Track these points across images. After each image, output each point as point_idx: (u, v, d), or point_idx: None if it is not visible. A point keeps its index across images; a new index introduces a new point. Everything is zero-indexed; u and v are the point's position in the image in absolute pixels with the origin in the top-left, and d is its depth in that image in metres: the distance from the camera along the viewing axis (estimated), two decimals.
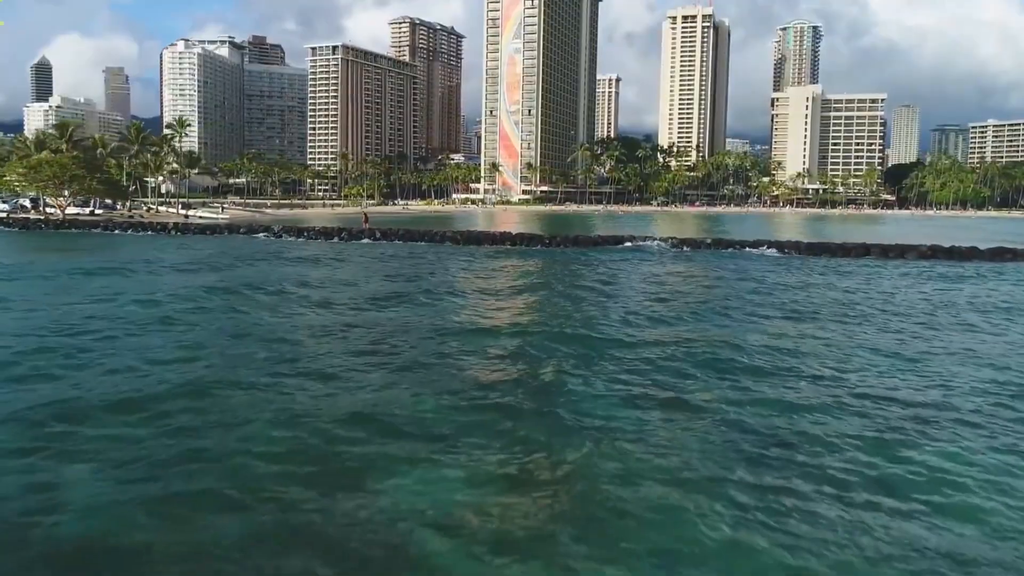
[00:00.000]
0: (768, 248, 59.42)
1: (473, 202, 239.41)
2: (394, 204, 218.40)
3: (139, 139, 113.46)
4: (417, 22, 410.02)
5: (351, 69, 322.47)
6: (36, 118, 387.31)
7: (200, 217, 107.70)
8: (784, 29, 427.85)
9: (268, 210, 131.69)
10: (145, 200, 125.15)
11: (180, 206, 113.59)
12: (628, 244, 62.75)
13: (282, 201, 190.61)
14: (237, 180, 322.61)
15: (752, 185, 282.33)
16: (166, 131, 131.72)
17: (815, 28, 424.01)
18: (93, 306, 25.56)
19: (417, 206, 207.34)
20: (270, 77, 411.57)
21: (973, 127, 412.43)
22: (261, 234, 70.15)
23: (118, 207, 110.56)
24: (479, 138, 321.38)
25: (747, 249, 59.82)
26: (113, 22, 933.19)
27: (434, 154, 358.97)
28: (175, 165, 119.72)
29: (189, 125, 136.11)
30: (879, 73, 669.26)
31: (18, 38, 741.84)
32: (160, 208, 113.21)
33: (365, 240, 66.26)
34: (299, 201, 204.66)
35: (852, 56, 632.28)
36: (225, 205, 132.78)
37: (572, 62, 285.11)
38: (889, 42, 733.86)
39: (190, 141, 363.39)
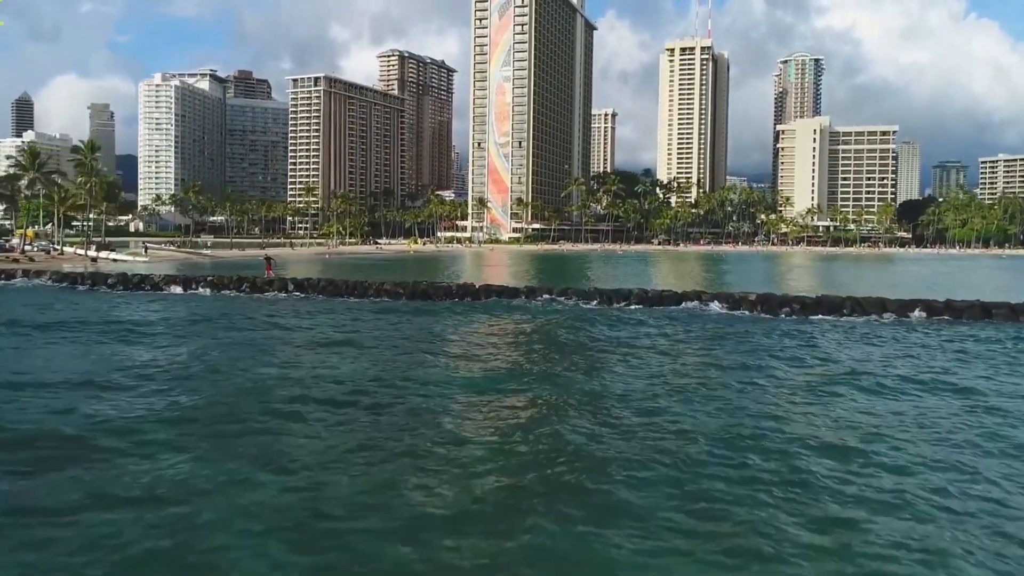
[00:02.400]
0: (850, 312, 40.79)
1: (459, 241, 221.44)
2: (373, 243, 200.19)
3: (35, 166, 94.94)
4: (406, 55, 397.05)
5: (334, 102, 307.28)
6: (6, 153, 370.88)
7: (114, 260, 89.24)
8: (785, 62, 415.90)
9: (207, 251, 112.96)
10: (51, 238, 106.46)
11: (94, 247, 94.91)
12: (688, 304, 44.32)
13: (235, 240, 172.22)
14: (216, 218, 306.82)
15: (759, 222, 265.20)
16: (74, 156, 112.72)
17: (817, 61, 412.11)
18: None
19: (394, 245, 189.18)
20: (253, 111, 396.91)
21: (983, 162, 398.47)
22: (115, 288, 51.32)
23: (15, 246, 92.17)
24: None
25: (819, 315, 41.12)
26: (110, 63, 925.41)
27: (424, 191, 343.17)
28: (89, 198, 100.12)
29: (99, 149, 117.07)
30: (875, 111, 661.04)
31: (14, 78, 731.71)
32: (66, 248, 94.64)
33: (270, 294, 47.62)
34: (256, 239, 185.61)
35: (847, 94, 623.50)
36: (152, 245, 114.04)
37: (565, 93, 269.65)
38: (883, 80, 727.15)
39: (166, 177, 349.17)
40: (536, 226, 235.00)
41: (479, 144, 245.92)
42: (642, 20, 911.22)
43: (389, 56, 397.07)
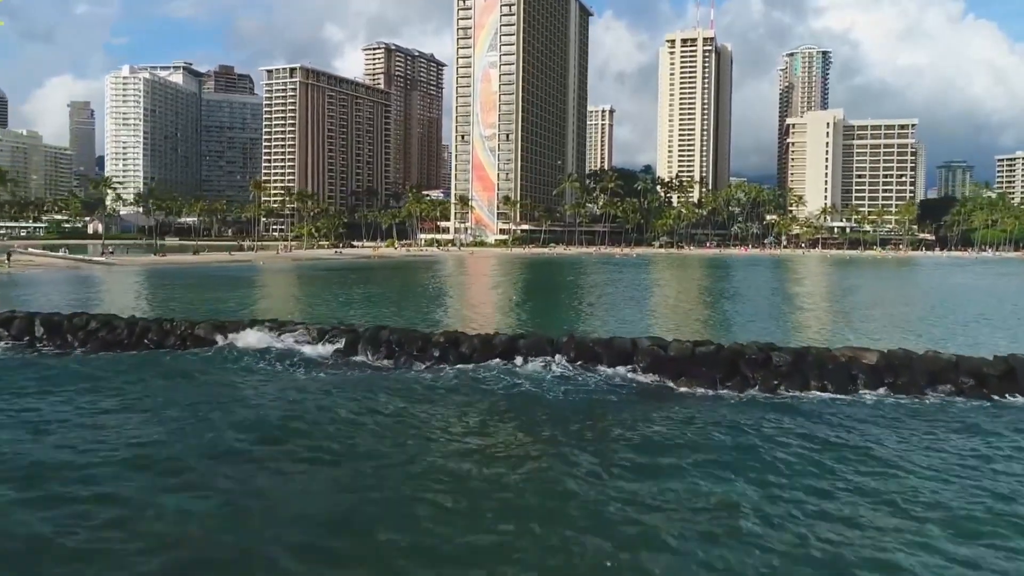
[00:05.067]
0: None
1: (441, 244, 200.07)
2: (338, 246, 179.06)
3: None
4: (393, 47, 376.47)
5: (312, 94, 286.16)
6: None
7: None
8: (791, 55, 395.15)
9: (101, 258, 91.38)
10: None
11: None
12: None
13: (162, 243, 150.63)
14: (188, 219, 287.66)
15: (768, 223, 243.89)
16: None
17: (824, 54, 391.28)
18: None
19: (358, 249, 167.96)
20: (231, 107, 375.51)
21: (1000, 160, 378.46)
22: None
23: None
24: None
25: (1017, 395, 20.55)
26: (107, 64, 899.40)
27: (412, 191, 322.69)
28: None
29: None
30: (874, 112, 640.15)
31: (11, 79, 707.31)
32: None
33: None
34: (188, 243, 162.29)
35: (845, 95, 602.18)
36: (18, 249, 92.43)
37: (558, 83, 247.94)
38: (881, 81, 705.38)
39: (134, 175, 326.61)
40: (525, 227, 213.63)
41: (463, 137, 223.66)
42: (639, 20, 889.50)
43: (375, 49, 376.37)
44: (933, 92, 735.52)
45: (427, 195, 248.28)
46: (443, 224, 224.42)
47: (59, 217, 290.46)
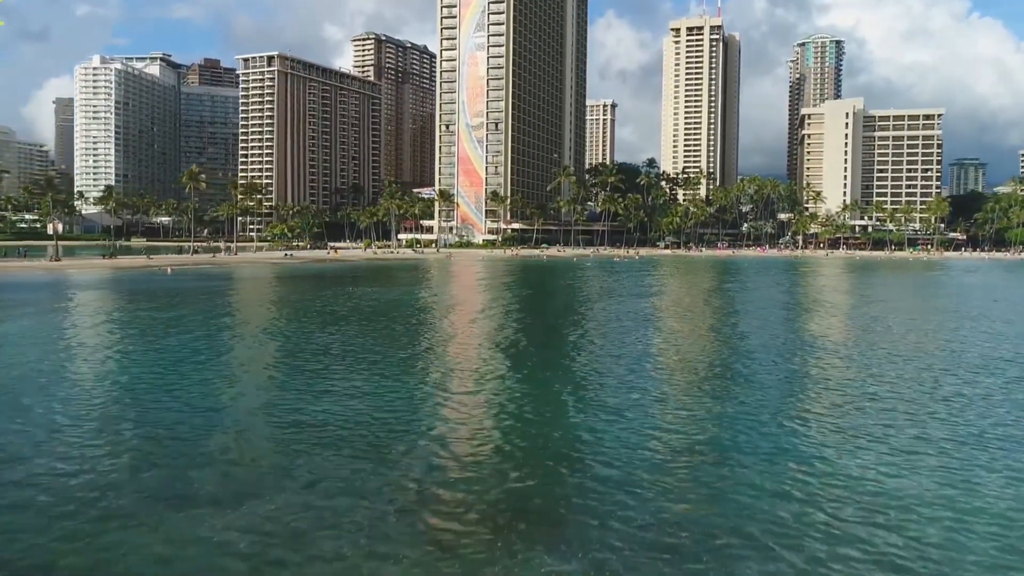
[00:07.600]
0: None
1: (421, 244, 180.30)
2: (305, 247, 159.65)
3: None
4: (383, 38, 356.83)
5: (292, 85, 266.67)
6: None
7: None
8: (802, 45, 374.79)
9: None
10: None
11: None
12: None
13: (126, 244, 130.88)
14: (162, 219, 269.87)
15: (781, 221, 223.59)
16: None
17: (838, 43, 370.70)
18: None
19: (320, 252, 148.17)
20: (212, 101, 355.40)
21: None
22: None
23: None
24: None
25: None
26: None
27: (405, 188, 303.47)
28: None
29: None
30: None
31: (11, 79, 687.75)
32: None
33: None
34: (156, 243, 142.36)
35: (849, 94, 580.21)
36: None
37: (554, 71, 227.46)
38: (886, 80, 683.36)
39: (105, 172, 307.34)
40: (516, 226, 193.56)
41: (447, 127, 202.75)
42: (641, 19, 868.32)
43: (364, 40, 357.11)
44: (938, 90, 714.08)
45: (418, 193, 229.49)
46: (428, 223, 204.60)
47: (30, 216, 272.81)
